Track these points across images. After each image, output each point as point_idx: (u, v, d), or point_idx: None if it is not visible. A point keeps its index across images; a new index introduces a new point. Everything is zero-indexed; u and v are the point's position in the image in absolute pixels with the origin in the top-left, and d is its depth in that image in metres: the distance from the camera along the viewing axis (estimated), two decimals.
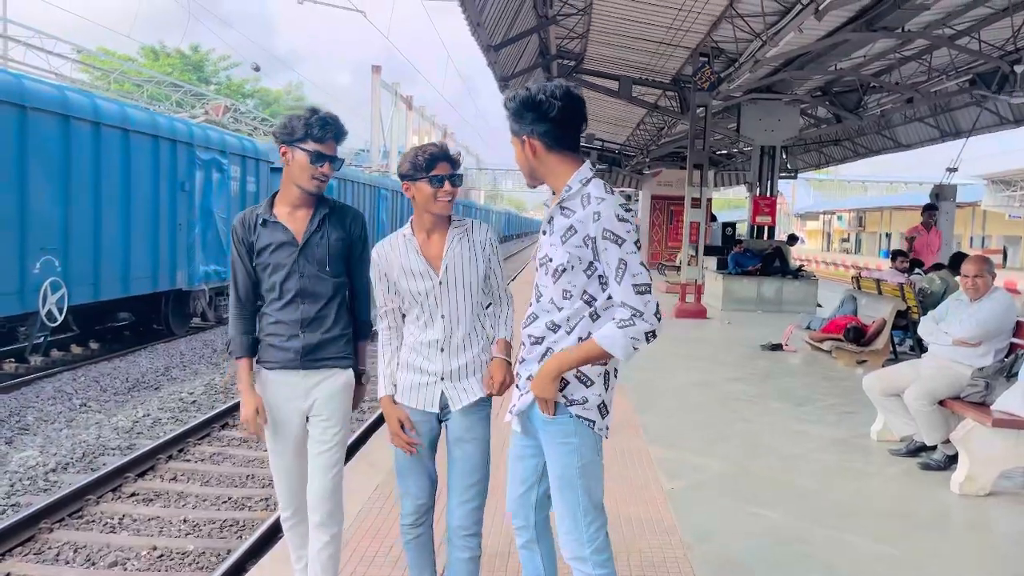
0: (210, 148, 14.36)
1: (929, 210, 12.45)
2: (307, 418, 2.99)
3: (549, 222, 2.51)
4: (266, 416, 2.95)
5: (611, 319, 2.38)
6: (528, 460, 2.65)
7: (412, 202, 2.81)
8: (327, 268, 2.94)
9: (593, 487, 2.51)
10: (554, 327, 2.48)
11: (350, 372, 3.03)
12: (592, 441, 2.50)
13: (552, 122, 2.43)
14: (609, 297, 2.43)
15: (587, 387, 2.48)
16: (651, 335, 2.36)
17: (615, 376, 2.57)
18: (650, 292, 2.36)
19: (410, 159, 2.77)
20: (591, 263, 2.42)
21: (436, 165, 2.74)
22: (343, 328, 3.00)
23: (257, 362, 3.04)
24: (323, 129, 2.84)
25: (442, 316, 2.82)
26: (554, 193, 2.55)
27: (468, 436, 2.83)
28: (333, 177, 3.02)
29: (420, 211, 2.81)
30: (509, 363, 2.86)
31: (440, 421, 2.91)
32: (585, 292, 2.45)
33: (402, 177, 2.80)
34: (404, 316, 2.93)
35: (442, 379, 2.83)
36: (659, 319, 2.36)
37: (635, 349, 2.36)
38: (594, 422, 2.49)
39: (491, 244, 2.90)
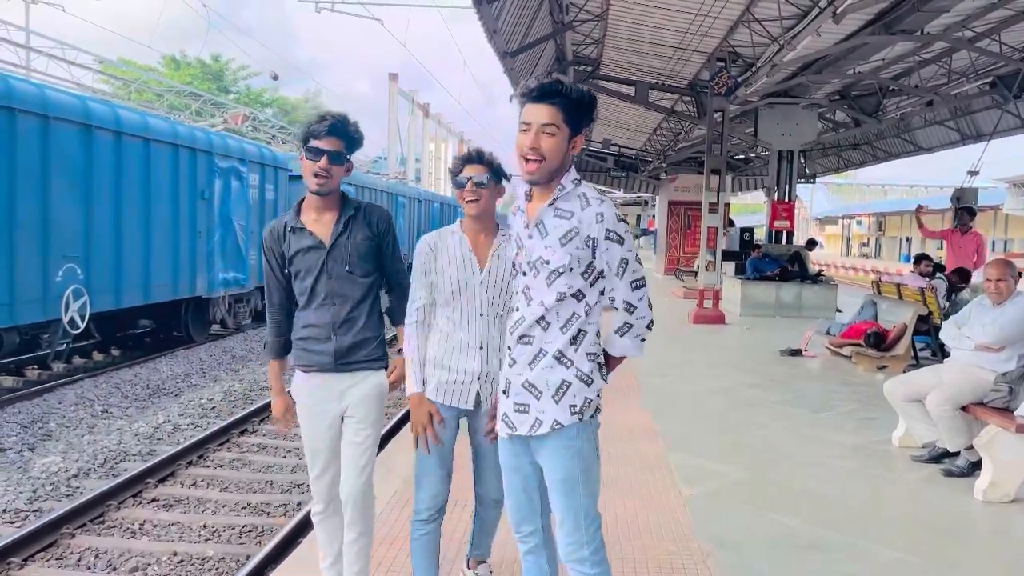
0: (229, 156, 14.49)
1: (962, 212, 11.98)
2: (342, 419, 3.08)
3: (537, 225, 2.47)
4: (295, 419, 3.09)
5: (612, 326, 2.52)
6: (524, 468, 2.61)
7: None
8: (356, 269, 3.00)
9: (594, 487, 2.55)
10: (545, 324, 2.47)
11: (383, 374, 3.09)
12: (593, 442, 2.54)
13: (590, 126, 2.58)
14: (602, 292, 2.50)
15: (588, 386, 2.48)
16: (649, 325, 2.54)
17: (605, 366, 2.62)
18: (645, 286, 2.51)
19: (452, 162, 3.05)
20: (590, 264, 2.44)
21: (463, 167, 2.95)
22: (375, 329, 3.07)
23: (296, 364, 3.11)
24: (319, 124, 2.92)
25: (481, 314, 2.94)
26: (529, 196, 2.54)
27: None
28: (350, 184, 3.05)
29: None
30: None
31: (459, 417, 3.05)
32: (579, 292, 2.47)
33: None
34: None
35: (478, 379, 2.94)
36: (650, 308, 2.53)
37: (643, 341, 2.56)
38: (599, 411, 2.55)
39: None
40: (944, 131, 19.04)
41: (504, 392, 2.57)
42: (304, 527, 4.73)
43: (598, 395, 2.52)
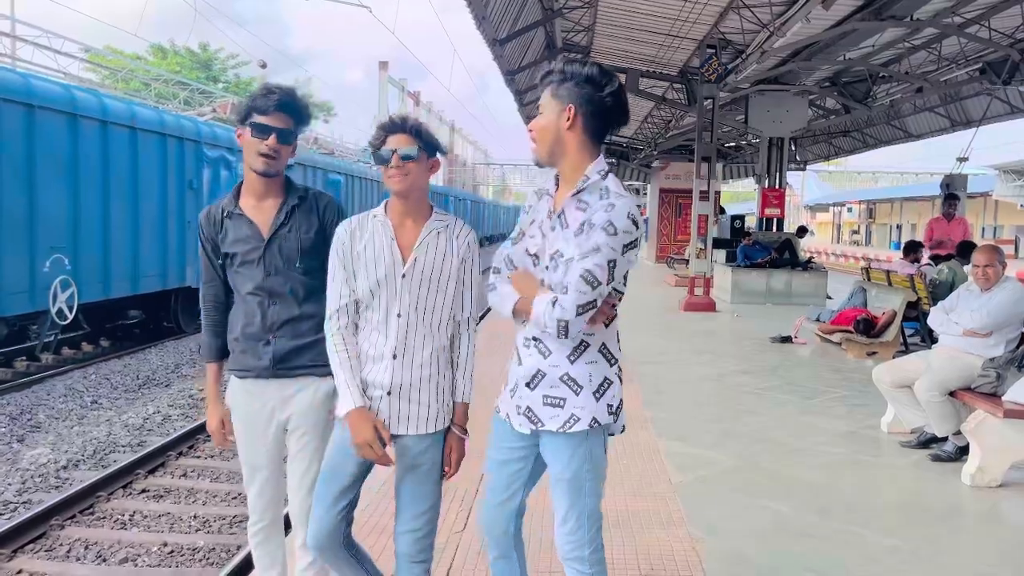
0: (217, 145, 14.40)
1: (950, 199, 12.21)
2: (284, 430, 2.75)
3: (560, 215, 2.34)
4: (231, 428, 2.76)
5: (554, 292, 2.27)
6: (514, 464, 2.49)
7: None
8: (299, 265, 2.67)
9: (599, 488, 2.45)
10: None
11: (329, 380, 2.62)
12: (603, 441, 2.43)
13: (602, 106, 2.32)
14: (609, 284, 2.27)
15: (620, 386, 2.41)
16: (563, 326, 2.22)
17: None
18: (591, 287, 2.20)
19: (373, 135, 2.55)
20: None
21: (386, 139, 2.47)
22: (319, 332, 2.64)
23: (231, 369, 2.78)
24: (265, 98, 2.60)
25: (398, 315, 2.48)
26: (557, 182, 2.42)
27: (422, 460, 2.53)
28: (340, 173, 2.88)
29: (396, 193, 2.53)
30: (463, 438, 2.60)
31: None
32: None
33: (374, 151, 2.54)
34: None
35: (388, 394, 2.48)
36: (576, 314, 2.21)
37: (546, 329, 2.26)
38: (624, 425, 2.46)
39: (471, 249, 2.57)
40: (934, 118, 19.08)
41: (528, 385, 2.39)
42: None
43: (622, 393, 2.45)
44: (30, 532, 5.18)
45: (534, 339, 2.38)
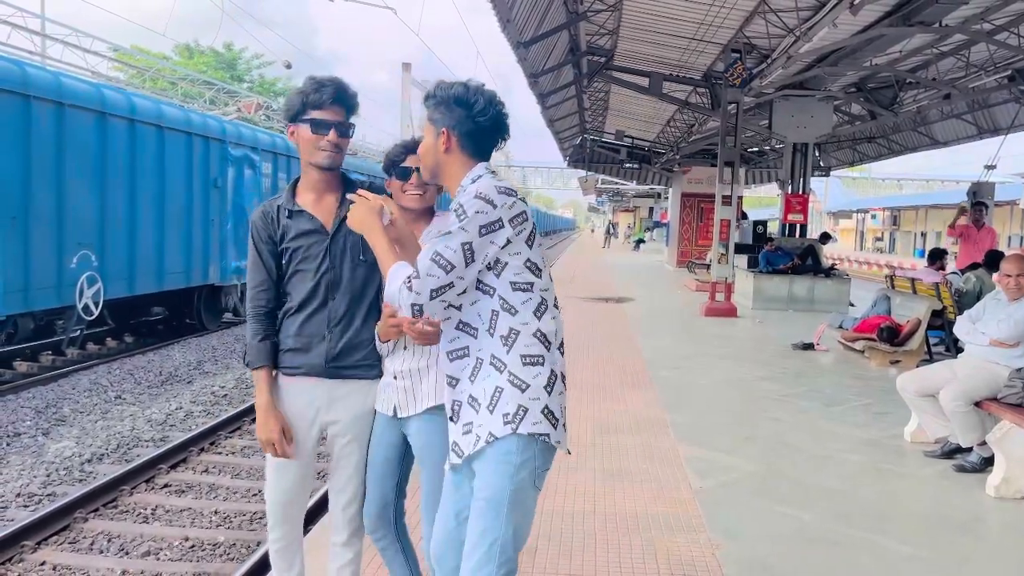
0: (242, 145, 14.52)
1: (978, 207, 12.07)
2: (323, 431, 2.75)
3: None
4: (292, 435, 2.65)
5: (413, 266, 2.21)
6: (465, 499, 2.34)
7: None
8: (361, 257, 2.64)
9: (520, 522, 2.25)
10: (472, 331, 2.28)
11: (376, 385, 2.75)
12: (532, 470, 2.24)
13: (478, 126, 2.33)
14: (514, 284, 2.26)
15: (522, 392, 2.22)
16: (417, 309, 2.16)
17: (563, 381, 2.31)
18: (444, 271, 2.15)
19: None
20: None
21: (407, 157, 2.68)
22: (372, 331, 2.69)
23: (278, 368, 2.73)
24: (319, 92, 2.57)
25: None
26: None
27: (427, 454, 2.64)
28: (364, 174, 2.86)
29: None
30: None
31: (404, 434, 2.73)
32: (480, 283, 2.25)
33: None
34: None
35: (395, 378, 2.66)
36: (431, 298, 2.15)
37: (401, 310, 2.22)
38: (547, 435, 2.24)
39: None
40: (961, 125, 18.86)
41: (451, 419, 2.35)
42: (315, 514, 4.76)
43: (543, 410, 2.23)
44: (54, 524, 5.25)
45: (447, 375, 2.36)
